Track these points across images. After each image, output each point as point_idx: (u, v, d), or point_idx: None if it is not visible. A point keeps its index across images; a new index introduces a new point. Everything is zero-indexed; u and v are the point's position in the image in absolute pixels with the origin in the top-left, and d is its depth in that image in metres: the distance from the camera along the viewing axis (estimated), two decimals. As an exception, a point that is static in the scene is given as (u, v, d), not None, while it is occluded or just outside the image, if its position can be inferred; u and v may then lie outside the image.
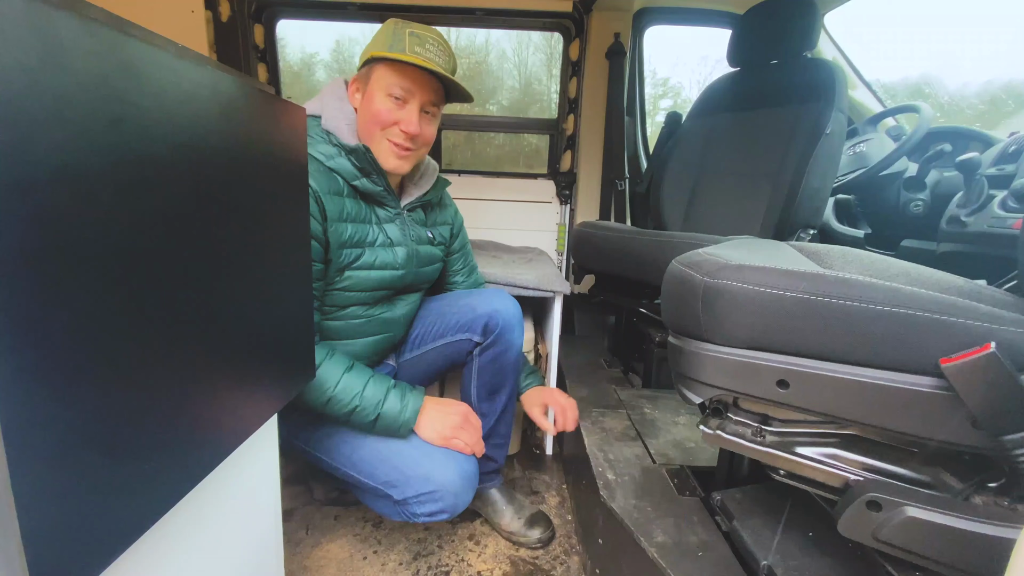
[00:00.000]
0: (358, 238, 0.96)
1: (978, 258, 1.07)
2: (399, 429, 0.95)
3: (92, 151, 0.35)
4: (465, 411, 1.01)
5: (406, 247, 1.04)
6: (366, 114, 0.96)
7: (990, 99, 1.91)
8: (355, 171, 0.95)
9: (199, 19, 1.85)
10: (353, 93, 0.99)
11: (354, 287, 0.98)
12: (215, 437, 0.53)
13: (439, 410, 0.99)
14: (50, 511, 0.34)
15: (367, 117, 0.96)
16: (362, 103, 0.97)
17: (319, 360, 0.88)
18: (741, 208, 1.58)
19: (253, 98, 0.55)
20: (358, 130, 0.98)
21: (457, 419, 0.99)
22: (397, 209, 1.05)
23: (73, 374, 0.35)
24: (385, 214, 1.03)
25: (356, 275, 0.97)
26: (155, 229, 0.41)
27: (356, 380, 0.92)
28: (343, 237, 0.93)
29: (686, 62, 2.93)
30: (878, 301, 0.55)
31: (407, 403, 0.95)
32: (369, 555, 1.10)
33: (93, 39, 0.35)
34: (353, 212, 0.96)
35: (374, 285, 1.00)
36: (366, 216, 0.99)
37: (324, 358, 0.90)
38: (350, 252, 0.95)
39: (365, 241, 0.98)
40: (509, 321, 1.08)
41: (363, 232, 0.97)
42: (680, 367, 0.70)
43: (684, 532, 0.79)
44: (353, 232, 0.95)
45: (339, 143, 0.94)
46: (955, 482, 0.57)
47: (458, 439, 0.97)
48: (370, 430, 0.95)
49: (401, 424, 0.94)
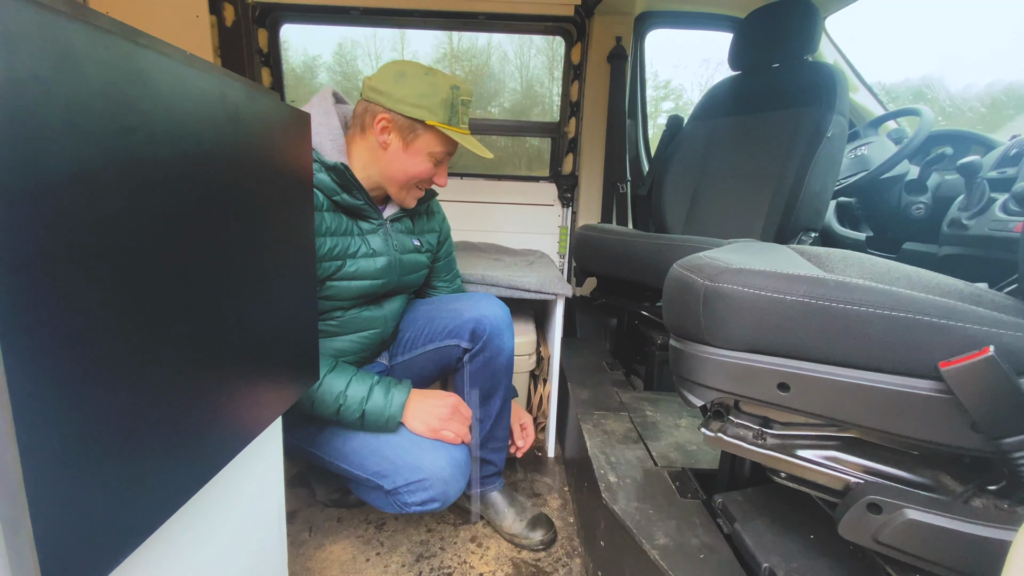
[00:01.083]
0: (338, 251, 0.97)
1: (980, 261, 1.07)
2: (386, 424, 0.96)
3: (103, 158, 0.36)
4: (454, 402, 1.02)
5: (388, 256, 1.05)
6: (405, 168, 0.99)
7: (991, 102, 1.91)
8: (335, 187, 0.96)
9: (203, 24, 1.86)
10: (380, 132, 0.97)
11: (335, 297, 0.99)
12: (222, 438, 0.54)
13: (426, 402, 1.00)
14: (61, 512, 0.35)
15: (406, 171, 0.99)
16: (400, 154, 0.98)
17: None
18: (742, 211, 1.58)
19: (260, 104, 0.55)
20: (387, 174, 1.01)
21: (445, 410, 0.99)
22: (380, 221, 1.05)
23: (83, 377, 0.36)
24: (368, 226, 1.03)
25: (337, 285, 0.98)
26: (163, 234, 0.42)
27: (339, 380, 0.93)
28: (322, 251, 0.94)
29: (688, 65, 2.94)
30: (877, 305, 0.55)
31: (391, 398, 0.96)
32: (372, 557, 1.10)
33: (104, 49, 0.36)
34: (333, 226, 0.96)
35: (355, 294, 1.01)
36: (347, 228, 0.99)
37: None
38: (330, 265, 0.96)
39: (346, 253, 0.98)
40: (497, 326, 1.08)
41: (344, 244, 0.98)
42: (681, 370, 0.71)
43: (686, 534, 0.79)
44: (333, 245, 0.96)
45: (319, 159, 0.94)
46: (955, 485, 0.57)
47: (447, 430, 0.98)
48: (359, 427, 0.96)
49: (388, 419, 0.95)
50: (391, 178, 1.00)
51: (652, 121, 2.27)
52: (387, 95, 0.95)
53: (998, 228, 1.00)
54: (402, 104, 0.94)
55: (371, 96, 0.96)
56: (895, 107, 1.78)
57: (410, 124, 0.96)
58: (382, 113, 0.95)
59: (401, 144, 0.97)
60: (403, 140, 0.97)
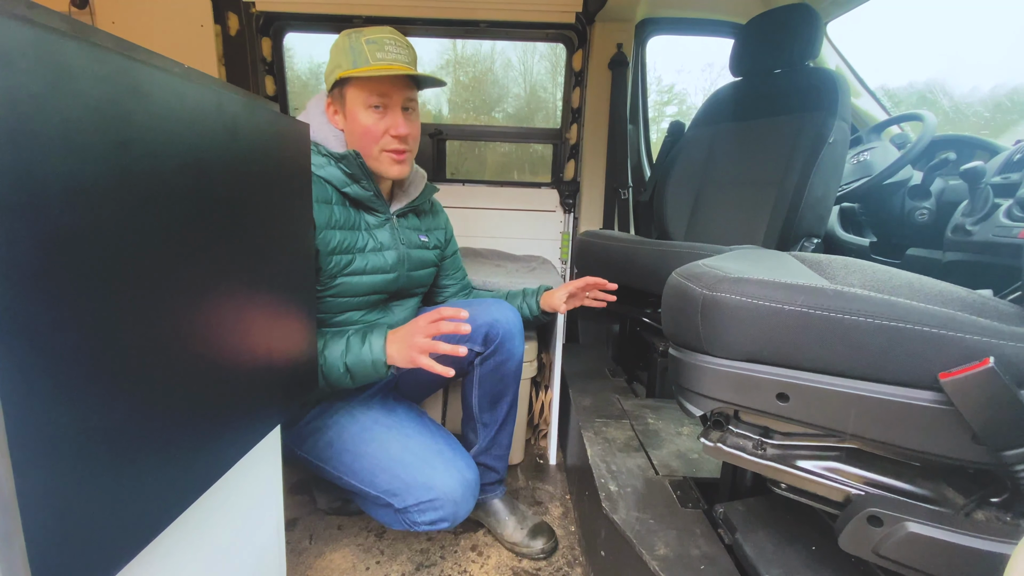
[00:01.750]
0: (347, 244, 0.98)
1: (984, 267, 1.06)
2: (374, 368, 0.90)
3: (99, 172, 0.36)
4: (422, 317, 0.90)
5: (396, 250, 1.06)
6: (355, 133, 0.98)
7: (995, 106, 1.90)
8: (345, 178, 0.98)
9: (208, 33, 1.88)
10: (332, 116, 1.00)
11: (345, 293, 0.99)
12: (220, 448, 0.54)
13: (401, 335, 0.91)
14: (55, 523, 0.35)
15: (357, 135, 0.98)
16: (347, 124, 0.99)
17: None
18: (744, 217, 1.58)
19: (258, 115, 0.56)
20: (354, 149, 1.00)
21: (417, 328, 0.88)
22: (387, 215, 1.06)
23: (79, 389, 0.36)
24: (375, 220, 1.04)
25: (347, 281, 0.98)
26: (161, 246, 0.42)
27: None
28: (331, 245, 0.95)
29: (691, 69, 2.94)
30: (876, 315, 0.55)
31: (369, 343, 0.90)
32: (372, 565, 1.10)
33: (100, 65, 0.36)
34: (342, 219, 0.97)
35: (366, 290, 1.01)
36: (355, 222, 1.00)
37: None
38: (340, 259, 0.96)
39: (355, 247, 0.99)
40: (510, 330, 1.08)
41: (352, 238, 0.99)
42: (680, 379, 0.70)
43: (687, 545, 0.79)
44: (342, 239, 0.97)
45: (328, 152, 0.97)
46: (957, 497, 0.57)
47: (434, 346, 0.86)
48: (350, 383, 0.91)
49: (373, 363, 0.90)
50: (363, 151, 0.98)
51: (655, 126, 2.27)
52: (325, 81, 0.99)
53: (1002, 234, 0.99)
54: (328, 80, 0.98)
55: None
56: (898, 112, 1.77)
57: (337, 92, 0.98)
58: (327, 99, 1.00)
59: (343, 115, 0.99)
60: (343, 111, 0.99)
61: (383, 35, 0.95)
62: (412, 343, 0.87)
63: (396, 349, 0.90)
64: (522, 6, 1.91)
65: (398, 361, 0.90)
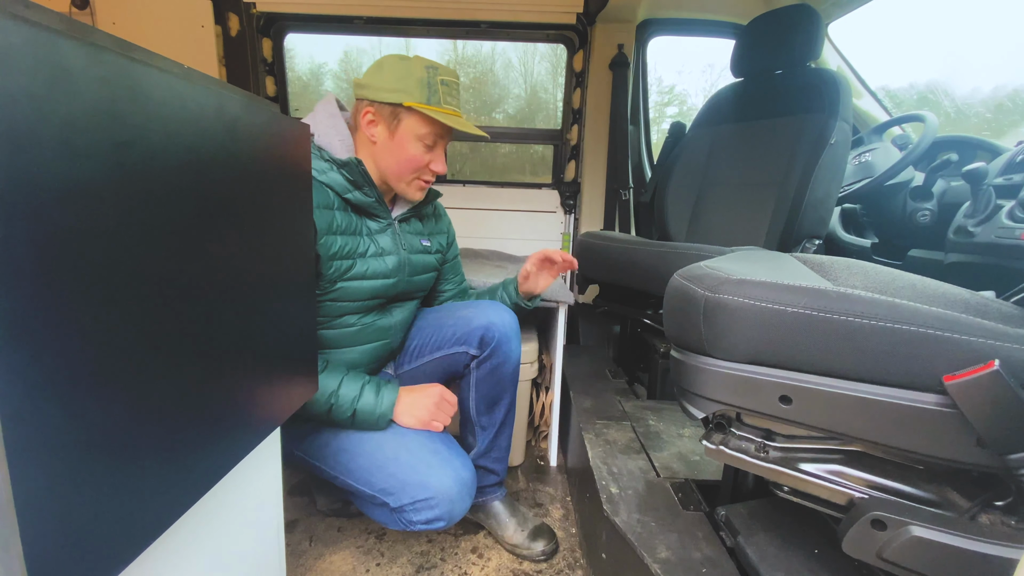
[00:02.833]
0: (348, 249, 0.97)
1: (986, 269, 1.06)
2: (376, 422, 0.97)
3: (98, 173, 0.36)
4: (439, 391, 1.04)
5: (397, 256, 1.06)
6: (396, 156, 0.99)
7: (996, 107, 1.90)
8: (347, 184, 0.97)
9: (209, 34, 1.88)
10: (367, 125, 0.98)
11: (345, 297, 0.99)
12: (219, 450, 0.54)
13: (413, 397, 1.02)
14: (52, 527, 0.34)
15: (398, 161, 0.99)
16: (388, 143, 0.98)
17: None
18: (745, 218, 1.57)
19: (257, 115, 0.56)
20: (383, 169, 1.01)
21: (430, 401, 1.02)
22: (388, 220, 1.06)
23: (77, 391, 0.35)
24: (377, 225, 1.04)
25: (347, 285, 0.98)
26: (161, 247, 0.42)
27: (331, 379, 0.94)
28: (332, 250, 0.94)
29: (692, 70, 2.94)
30: (880, 317, 0.54)
31: (382, 397, 0.98)
32: (372, 567, 1.10)
33: (99, 66, 0.36)
34: (344, 224, 0.97)
35: (366, 295, 1.01)
36: (357, 228, 1.00)
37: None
38: (341, 264, 0.96)
39: (356, 252, 0.99)
40: (506, 333, 1.08)
41: (354, 244, 0.99)
42: (682, 381, 0.70)
43: (688, 548, 0.78)
44: (343, 244, 0.96)
45: (331, 158, 0.96)
46: (961, 500, 0.56)
47: (436, 421, 1.01)
48: (349, 426, 0.98)
49: (378, 417, 0.97)
50: (388, 171, 1.01)
51: (656, 127, 2.27)
52: (369, 87, 0.96)
53: (1004, 235, 0.98)
54: (381, 92, 0.95)
55: (357, 93, 0.99)
56: (899, 113, 1.77)
57: (391, 111, 0.96)
58: (367, 107, 0.97)
59: (387, 134, 0.98)
60: (388, 129, 0.98)
61: (452, 79, 0.97)
62: (420, 417, 1.00)
63: (404, 410, 1.00)
64: (523, 7, 1.91)
65: (400, 420, 1.00)
